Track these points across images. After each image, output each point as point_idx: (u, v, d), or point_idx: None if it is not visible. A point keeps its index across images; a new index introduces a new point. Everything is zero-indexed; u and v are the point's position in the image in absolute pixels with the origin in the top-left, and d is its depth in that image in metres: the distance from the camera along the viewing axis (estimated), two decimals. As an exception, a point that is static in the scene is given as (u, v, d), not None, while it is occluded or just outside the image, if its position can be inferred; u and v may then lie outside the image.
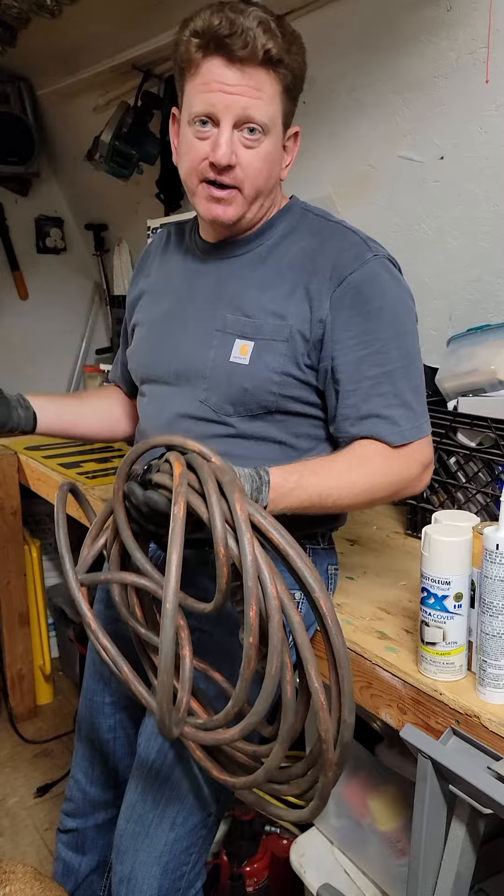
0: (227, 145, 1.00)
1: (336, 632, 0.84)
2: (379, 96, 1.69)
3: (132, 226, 2.92)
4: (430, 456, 1.10)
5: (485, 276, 1.62)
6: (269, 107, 1.01)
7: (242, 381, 1.06)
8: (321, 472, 1.02)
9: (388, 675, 1.05)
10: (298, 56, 1.03)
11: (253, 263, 1.11)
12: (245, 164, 1.02)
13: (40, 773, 2.24)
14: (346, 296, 1.04)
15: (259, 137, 1.02)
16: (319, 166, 1.89)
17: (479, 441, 1.40)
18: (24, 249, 3.17)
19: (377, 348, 1.04)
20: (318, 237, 1.08)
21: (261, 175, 1.04)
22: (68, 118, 2.85)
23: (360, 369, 1.04)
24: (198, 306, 1.13)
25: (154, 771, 1.12)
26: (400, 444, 1.05)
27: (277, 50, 0.99)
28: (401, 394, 1.05)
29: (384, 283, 1.05)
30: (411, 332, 1.08)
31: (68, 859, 1.35)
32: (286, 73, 1.02)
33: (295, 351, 1.05)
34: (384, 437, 1.05)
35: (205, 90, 1.00)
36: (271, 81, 1.01)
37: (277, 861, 1.57)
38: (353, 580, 1.32)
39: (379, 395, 1.05)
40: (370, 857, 1.34)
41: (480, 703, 0.94)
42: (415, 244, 1.72)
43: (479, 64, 1.45)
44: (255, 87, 1.00)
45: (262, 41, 0.97)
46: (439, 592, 0.96)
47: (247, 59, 0.98)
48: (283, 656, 0.81)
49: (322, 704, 0.80)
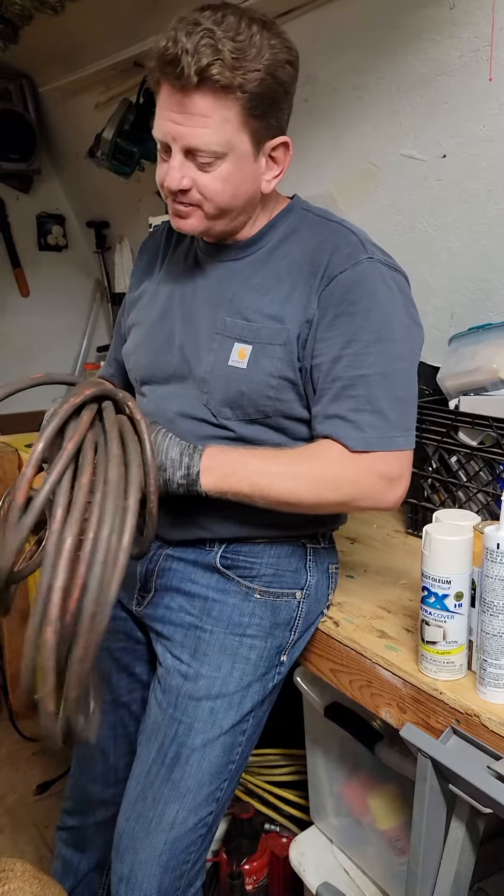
0: (176, 171, 0.99)
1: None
2: (381, 94, 1.68)
3: (134, 223, 2.92)
4: (397, 471, 1.04)
5: (487, 274, 1.61)
6: (219, 133, 0.97)
7: (240, 385, 1.06)
8: (265, 456, 1.03)
9: (389, 674, 1.05)
10: (259, 72, 0.95)
11: (253, 266, 1.10)
12: (201, 186, 1.01)
13: (40, 771, 2.24)
14: (333, 295, 1.02)
15: (213, 162, 0.99)
16: (321, 164, 1.89)
17: (481, 440, 1.39)
18: (25, 247, 3.17)
19: (357, 350, 1.01)
20: (318, 238, 1.07)
21: (221, 195, 1.02)
22: (70, 115, 2.85)
23: (334, 369, 1.02)
24: (198, 308, 1.12)
25: (153, 769, 1.12)
26: (359, 449, 1.01)
27: (220, 75, 0.92)
28: (375, 400, 1.01)
29: (374, 286, 1.03)
30: (398, 339, 1.03)
31: (68, 857, 1.35)
32: (240, 95, 0.95)
33: (291, 354, 1.04)
34: (342, 440, 1.02)
35: (159, 117, 1.00)
36: (219, 107, 0.95)
37: (277, 859, 1.57)
38: (354, 579, 1.32)
39: (350, 397, 1.02)
40: (370, 856, 1.34)
41: (480, 703, 0.94)
42: (416, 243, 1.72)
43: (482, 62, 1.45)
44: (200, 114, 0.95)
45: (201, 66, 0.91)
46: (440, 591, 0.96)
47: (185, 87, 0.94)
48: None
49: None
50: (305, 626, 1.17)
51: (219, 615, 1.12)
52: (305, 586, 1.15)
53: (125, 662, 1.29)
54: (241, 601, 1.12)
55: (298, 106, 1.84)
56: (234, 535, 1.12)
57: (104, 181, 2.73)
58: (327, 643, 1.17)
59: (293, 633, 1.15)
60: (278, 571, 1.14)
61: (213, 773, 1.11)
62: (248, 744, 1.16)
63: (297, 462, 1.03)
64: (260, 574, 1.13)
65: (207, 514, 1.10)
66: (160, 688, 1.15)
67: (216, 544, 1.13)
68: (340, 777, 1.38)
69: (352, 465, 1.02)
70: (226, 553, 1.13)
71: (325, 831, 1.45)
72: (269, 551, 1.13)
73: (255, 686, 1.13)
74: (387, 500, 1.04)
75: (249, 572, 1.13)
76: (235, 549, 1.13)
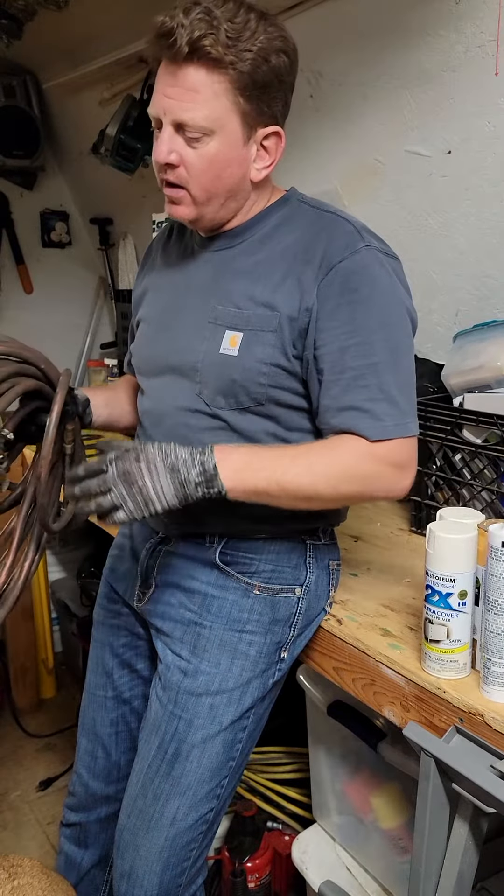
0: (164, 145, 1.00)
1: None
2: (386, 90, 1.67)
3: (137, 220, 2.92)
4: (409, 458, 1.05)
5: (492, 271, 1.61)
6: (206, 108, 0.98)
7: (231, 372, 1.05)
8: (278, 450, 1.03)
9: (392, 672, 1.04)
10: (251, 53, 0.96)
11: (245, 254, 1.10)
12: (188, 163, 1.01)
13: (43, 767, 2.25)
14: (333, 284, 1.02)
15: (199, 137, 1.00)
16: (326, 160, 1.88)
17: (485, 438, 1.39)
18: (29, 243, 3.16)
19: (363, 338, 1.01)
20: (314, 227, 1.07)
21: (205, 175, 1.02)
22: (74, 111, 2.84)
23: (343, 359, 1.01)
24: (193, 299, 1.13)
25: (154, 766, 1.12)
26: (379, 438, 1.01)
27: (212, 47, 0.94)
28: (386, 388, 1.01)
29: (374, 273, 1.03)
30: (401, 325, 1.04)
31: (70, 853, 1.35)
32: (231, 72, 0.96)
33: (283, 341, 1.04)
34: (363, 431, 1.01)
35: (154, 94, 1.01)
36: (210, 81, 0.97)
37: (279, 857, 1.57)
38: (357, 577, 1.31)
39: (362, 386, 1.01)
40: (372, 854, 1.34)
41: (484, 702, 0.93)
42: (421, 239, 1.71)
43: (488, 57, 1.44)
44: (189, 88, 0.97)
45: (192, 38, 0.93)
46: (444, 590, 0.95)
47: (176, 59, 0.96)
48: None
49: None
50: (305, 623, 1.17)
51: (218, 611, 1.12)
52: (305, 582, 1.15)
53: (127, 658, 1.29)
54: (240, 597, 1.12)
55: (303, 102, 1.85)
56: (232, 530, 1.12)
57: (108, 178, 2.72)
58: (330, 641, 1.17)
59: (293, 629, 1.15)
60: (277, 567, 1.13)
61: (213, 769, 1.11)
62: (248, 741, 1.15)
63: (314, 455, 1.02)
64: (259, 570, 1.12)
65: (206, 507, 1.09)
66: (160, 684, 1.15)
67: (215, 540, 1.13)
68: (343, 775, 1.38)
69: (370, 457, 1.02)
70: (225, 549, 1.13)
71: (327, 829, 1.45)
72: (268, 547, 1.13)
73: (254, 682, 1.12)
74: (399, 488, 1.05)
75: (249, 568, 1.12)
76: (235, 545, 1.12)
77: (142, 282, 1.28)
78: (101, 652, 1.32)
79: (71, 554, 2.82)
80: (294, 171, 1.97)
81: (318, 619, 1.18)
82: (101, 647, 1.32)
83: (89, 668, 1.34)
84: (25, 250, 3.14)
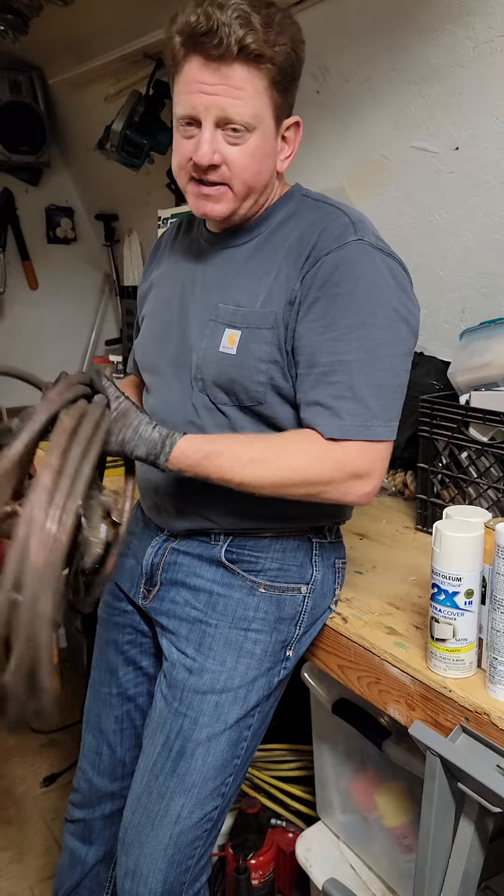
0: (207, 145, 0.99)
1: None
2: (393, 86, 1.66)
3: (143, 216, 2.91)
4: (368, 465, 0.99)
5: (499, 268, 1.60)
6: (251, 104, 0.98)
7: (230, 371, 1.05)
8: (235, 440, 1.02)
9: (397, 671, 1.04)
10: (286, 46, 0.99)
11: (251, 252, 1.10)
12: (231, 161, 1.01)
13: (47, 763, 2.25)
14: (317, 276, 1.00)
15: (243, 135, 1.00)
16: (332, 156, 1.87)
17: (492, 436, 1.38)
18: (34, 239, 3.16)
19: (337, 335, 0.99)
20: (311, 219, 1.06)
21: (248, 171, 1.02)
22: (79, 107, 2.84)
23: (315, 354, 1.00)
24: (199, 297, 1.12)
25: (159, 764, 1.12)
26: (334, 437, 0.98)
27: (257, 45, 0.95)
28: (355, 387, 0.97)
29: (361, 268, 1.00)
30: (384, 325, 0.99)
31: (75, 849, 1.35)
32: (270, 67, 0.98)
33: (279, 338, 1.03)
34: (320, 428, 0.98)
35: (186, 91, 1.00)
36: (252, 78, 0.98)
37: (283, 854, 1.57)
38: (362, 575, 1.31)
39: (329, 383, 0.99)
40: (376, 853, 1.34)
41: (490, 701, 0.93)
42: (428, 236, 1.71)
43: (497, 53, 1.43)
44: (234, 86, 0.97)
45: (238, 36, 0.94)
46: (450, 588, 0.95)
47: (223, 58, 0.96)
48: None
49: None
50: (311, 622, 1.16)
51: (223, 609, 1.12)
52: (311, 581, 1.15)
53: (132, 656, 1.29)
54: (245, 595, 1.12)
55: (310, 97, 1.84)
56: (238, 528, 1.11)
57: (113, 174, 2.72)
58: (335, 639, 1.16)
59: (298, 627, 1.15)
60: (283, 566, 1.13)
61: (218, 767, 1.11)
62: (253, 739, 1.15)
63: (268, 448, 1.00)
64: (265, 568, 1.12)
65: (211, 504, 1.09)
66: (165, 682, 1.15)
67: (220, 537, 1.13)
68: (347, 773, 1.38)
69: (322, 459, 0.98)
70: (231, 547, 1.12)
71: (331, 827, 1.45)
72: (274, 545, 1.12)
73: (260, 681, 1.12)
74: (354, 494, 1.00)
75: (254, 566, 1.12)
76: (240, 543, 1.12)
77: (148, 277, 1.28)
78: (105, 649, 1.32)
79: (75, 550, 2.82)
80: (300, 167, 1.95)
81: (324, 618, 1.18)
82: (105, 645, 1.32)
83: (94, 665, 1.34)
84: (31, 246, 3.14)
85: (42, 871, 1.85)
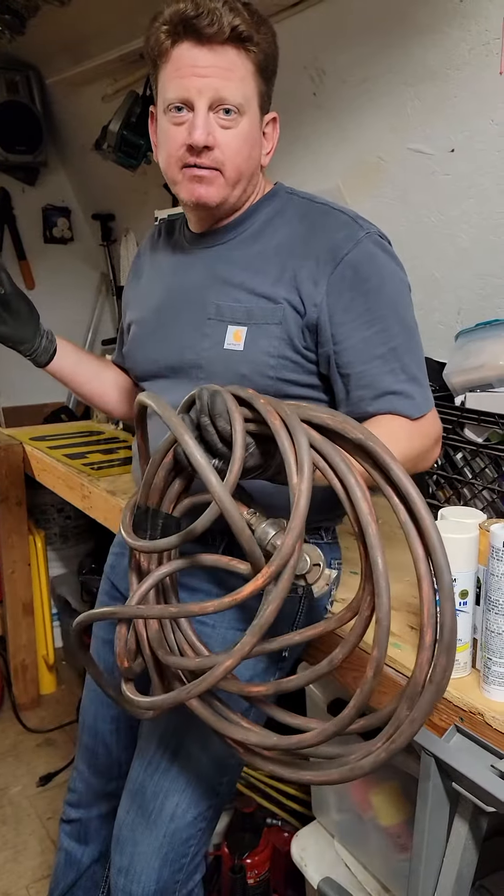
0: (202, 126, 1.00)
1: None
2: (390, 87, 1.67)
3: (140, 216, 2.91)
4: (440, 428, 1.11)
5: (495, 270, 1.60)
6: (241, 87, 1.01)
7: (239, 367, 1.06)
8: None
9: (392, 671, 1.04)
10: (268, 36, 1.03)
11: (239, 248, 1.10)
12: (223, 144, 1.02)
13: (43, 763, 2.25)
14: (344, 277, 1.02)
15: (235, 118, 1.02)
16: (328, 157, 1.88)
17: (487, 437, 1.39)
18: (31, 239, 3.16)
19: (381, 326, 1.03)
20: (307, 219, 1.07)
21: (240, 155, 1.03)
22: (77, 107, 2.84)
23: (367, 349, 1.04)
24: (188, 297, 1.12)
25: (154, 762, 1.12)
26: (418, 416, 1.06)
27: (245, 27, 0.98)
28: (408, 368, 1.05)
29: (380, 260, 1.05)
30: (407, 303, 1.08)
31: (71, 849, 1.36)
32: (257, 51, 1.01)
33: (289, 333, 1.04)
34: (404, 412, 1.05)
35: (177, 76, 1.00)
36: (242, 60, 1.00)
37: (279, 854, 1.58)
38: (357, 574, 1.31)
39: (389, 371, 1.04)
40: (371, 852, 1.34)
41: (484, 701, 0.93)
42: (424, 237, 1.71)
43: (493, 55, 1.43)
44: (226, 67, 0.99)
45: (229, 19, 0.97)
46: (445, 589, 0.95)
47: (215, 38, 0.98)
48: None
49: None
50: (307, 623, 1.17)
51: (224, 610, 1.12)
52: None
53: (128, 656, 1.29)
54: None
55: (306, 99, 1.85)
56: None
57: (110, 173, 2.72)
58: (331, 639, 1.17)
59: (295, 629, 1.15)
60: None
61: (213, 766, 1.11)
62: (250, 739, 1.15)
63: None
64: None
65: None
66: (163, 682, 1.15)
67: (219, 538, 1.13)
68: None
69: (417, 433, 1.06)
70: (229, 547, 1.13)
71: (326, 826, 1.46)
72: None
73: (256, 681, 1.12)
74: (433, 458, 1.10)
75: None
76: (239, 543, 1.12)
77: (132, 285, 1.29)
78: (101, 648, 1.32)
79: (72, 550, 2.83)
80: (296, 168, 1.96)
81: (320, 619, 1.19)
82: (102, 644, 1.32)
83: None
84: (27, 246, 3.14)
85: (38, 870, 1.85)
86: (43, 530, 2.54)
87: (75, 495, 1.95)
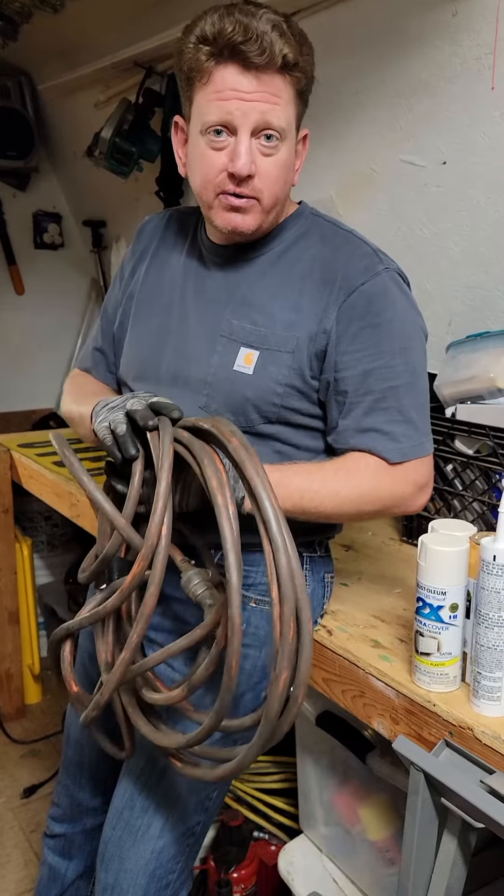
0: (246, 154, 0.97)
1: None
2: (382, 99, 1.68)
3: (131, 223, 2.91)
4: (427, 476, 1.08)
5: (485, 282, 1.61)
6: (285, 112, 0.98)
7: (245, 390, 1.04)
8: (305, 474, 1.02)
9: (381, 684, 1.04)
10: (309, 56, 1.00)
11: (263, 269, 1.08)
12: (263, 172, 0.99)
13: (27, 774, 2.22)
14: (355, 307, 1.02)
15: (276, 144, 0.99)
16: (321, 168, 1.88)
17: (477, 449, 1.39)
18: (21, 244, 3.15)
19: (384, 362, 1.02)
20: (330, 245, 1.06)
21: (277, 183, 1.01)
22: (69, 113, 2.84)
23: (366, 382, 1.03)
24: (202, 308, 1.10)
25: (143, 778, 1.10)
26: (398, 461, 1.04)
27: (293, 54, 0.95)
28: (405, 410, 1.03)
29: (394, 296, 1.04)
30: (418, 348, 1.06)
31: (54, 864, 1.34)
32: (301, 76, 0.99)
33: (301, 363, 1.03)
34: (381, 453, 1.03)
35: (218, 98, 0.96)
36: (286, 86, 0.98)
37: (265, 867, 1.56)
38: (348, 587, 1.31)
39: (382, 409, 1.03)
40: (359, 866, 1.34)
41: (474, 716, 0.93)
42: (415, 249, 1.72)
43: (485, 70, 1.44)
44: (272, 93, 0.96)
45: (279, 46, 0.94)
46: (435, 602, 0.95)
47: (264, 66, 0.95)
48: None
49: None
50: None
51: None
52: None
53: (115, 668, 1.28)
54: None
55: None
56: None
57: (102, 180, 2.71)
58: (320, 652, 1.16)
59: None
60: None
61: (202, 782, 1.10)
62: (238, 752, 1.14)
63: (338, 479, 1.03)
64: (256, 583, 1.11)
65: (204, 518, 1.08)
66: (151, 695, 1.13)
67: (212, 551, 1.12)
68: (331, 786, 1.37)
69: (389, 477, 1.04)
70: (222, 561, 1.11)
71: (314, 840, 1.45)
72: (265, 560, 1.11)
73: (247, 695, 1.11)
74: (415, 505, 1.08)
75: (245, 580, 1.11)
76: None
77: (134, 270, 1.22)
78: (87, 661, 1.30)
79: (58, 558, 2.81)
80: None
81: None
82: (87, 657, 1.31)
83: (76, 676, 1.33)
84: (18, 251, 3.13)
85: (21, 884, 1.83)
86: (30, 538, 2.52)
87: (63, 503, 1.94)
